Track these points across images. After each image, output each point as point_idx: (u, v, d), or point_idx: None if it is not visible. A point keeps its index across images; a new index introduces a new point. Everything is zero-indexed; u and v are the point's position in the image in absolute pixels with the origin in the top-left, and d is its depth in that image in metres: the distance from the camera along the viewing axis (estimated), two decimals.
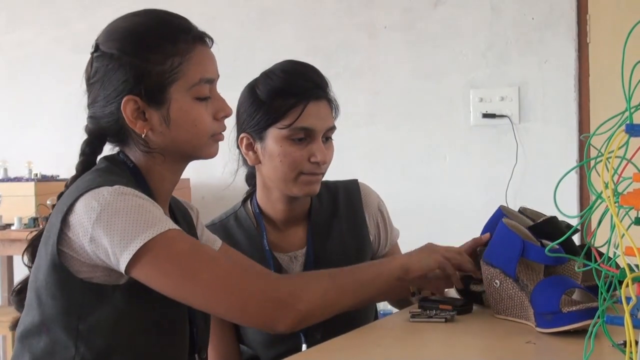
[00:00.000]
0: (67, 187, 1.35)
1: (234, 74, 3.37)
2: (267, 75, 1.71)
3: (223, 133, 1.40)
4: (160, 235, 1.22)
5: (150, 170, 1.35)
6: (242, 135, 1.71)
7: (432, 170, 3.40)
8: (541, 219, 1.53)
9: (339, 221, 1.80)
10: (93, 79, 1.33)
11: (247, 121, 1.69)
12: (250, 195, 1.81)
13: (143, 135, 1.31)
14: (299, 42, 3.59)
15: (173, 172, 1.38)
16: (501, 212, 1.57)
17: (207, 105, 1.34)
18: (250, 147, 1.70)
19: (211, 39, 1.37)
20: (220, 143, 1.40)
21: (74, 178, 1.36)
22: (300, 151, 1.66)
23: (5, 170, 3.65)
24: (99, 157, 1.39)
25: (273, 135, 1.66)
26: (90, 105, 1.35)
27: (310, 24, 3.62)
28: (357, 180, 1.89)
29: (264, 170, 1.71)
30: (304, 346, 1.70)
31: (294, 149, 1.66)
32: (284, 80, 1.67)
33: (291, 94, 1.65)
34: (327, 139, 1.71)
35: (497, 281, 1.41)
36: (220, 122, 1.37)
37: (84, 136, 1.39)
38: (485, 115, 3.31)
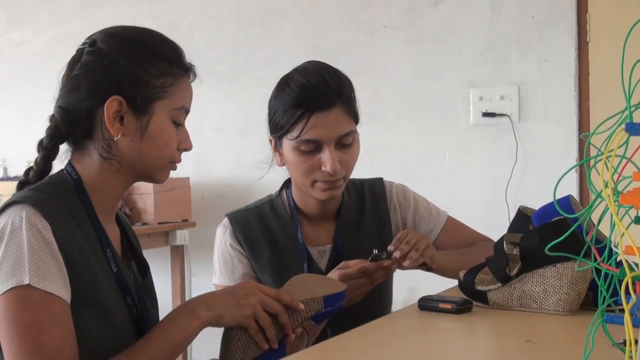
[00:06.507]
0: (24, 177, 1.35)
1: (234, 74, 3.40)
2: (285, 81, 1.73)
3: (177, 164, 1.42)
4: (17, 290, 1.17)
5: (97, 181, 1.34)
6: (269, 137, 1.78)
7: (432, 169, 3.40)
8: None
9: (366, 218, 1.86)
10: (78, 70, 1.34)
11: (270, 125, 1.75)
12: (286, 186, 1.86)
13: (115, 139, 1.31)
14: (299, 42, 3.59)
15: (121, 184, 1.37)
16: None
17: (177, 132, 1.37)
18: (276, 149, 1.77)
19: (195, 75, 1.41)
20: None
21: (36, 173, 1.35)
22: (311, 161, 1.70)
23: (5, 169, 3.66)
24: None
25: (286, 144, 1.72)
26: (65, 95, 1.36)
27: (310, 24, 3.62)
28: (382, 178, 1.95)
29: (289, 172, 1.77)
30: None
31: (304, 159, 1.70)
32: (293, 93, 1.69)
33: (297, 107, 1.68)
34: (344, 145, 1.71)
35: None
36: (180, 152, 1.40)
37: (46, 125, 1.39)
38: (485, 114, 3.31)
